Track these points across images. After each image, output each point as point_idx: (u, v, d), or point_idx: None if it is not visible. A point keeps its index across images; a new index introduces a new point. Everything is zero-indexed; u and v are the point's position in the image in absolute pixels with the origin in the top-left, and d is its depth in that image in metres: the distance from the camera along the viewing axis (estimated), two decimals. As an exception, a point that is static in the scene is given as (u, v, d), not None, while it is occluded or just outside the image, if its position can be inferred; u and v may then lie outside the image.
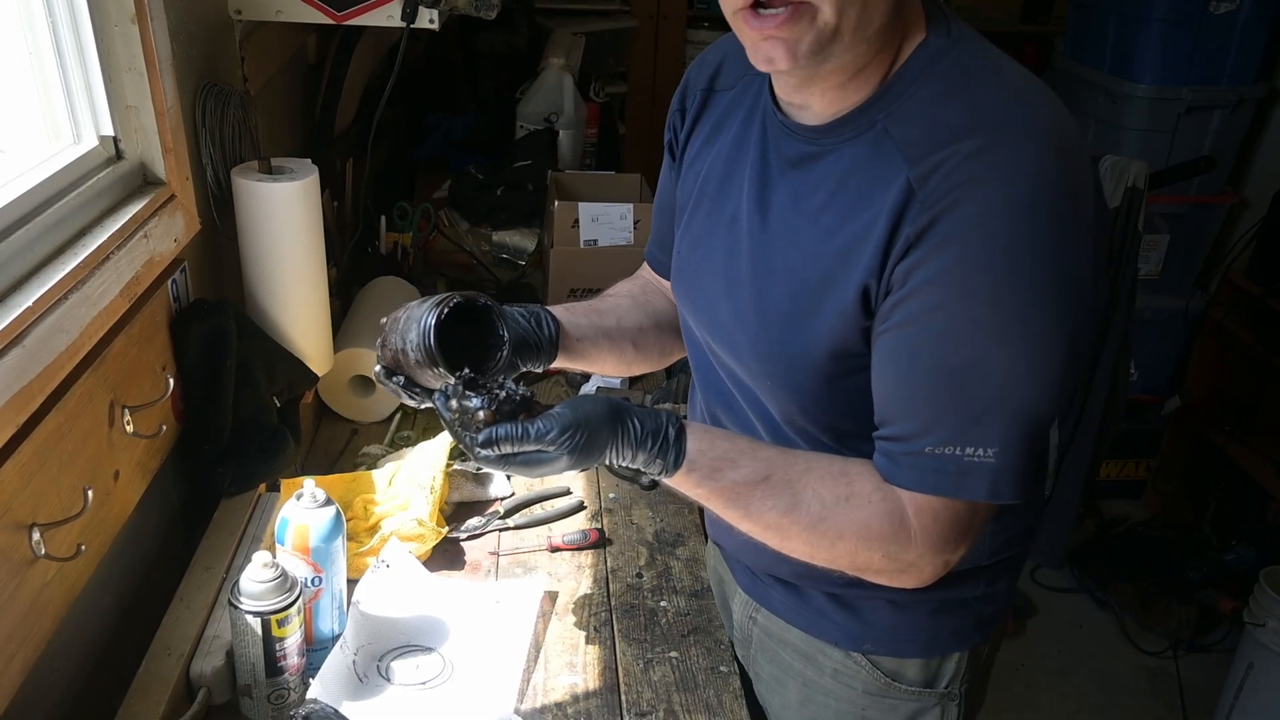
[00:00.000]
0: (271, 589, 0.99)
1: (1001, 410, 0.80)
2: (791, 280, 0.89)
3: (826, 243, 0.86)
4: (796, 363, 0.91)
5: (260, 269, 1.30)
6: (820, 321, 0.87)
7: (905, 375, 0.83)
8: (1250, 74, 2.90)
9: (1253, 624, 2.28)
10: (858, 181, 0.85)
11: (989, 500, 0.83)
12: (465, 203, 2.30)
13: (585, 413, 0.84)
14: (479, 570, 1.29)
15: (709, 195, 1.00)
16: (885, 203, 0.81)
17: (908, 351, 0.82)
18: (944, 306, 0.80)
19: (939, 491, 0.83)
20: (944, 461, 0.82)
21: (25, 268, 0.92)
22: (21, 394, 0.82)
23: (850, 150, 0.86)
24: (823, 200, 0.87)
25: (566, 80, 2.57)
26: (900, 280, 0.81)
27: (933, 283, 0.79)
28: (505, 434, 0.83)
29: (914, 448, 0.83)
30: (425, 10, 1.40)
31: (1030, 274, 0.78)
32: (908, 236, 0.80)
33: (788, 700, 1.14)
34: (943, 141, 0.79)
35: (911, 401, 0.83)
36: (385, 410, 1.61)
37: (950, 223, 0.78)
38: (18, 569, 0.84)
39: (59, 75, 1.05)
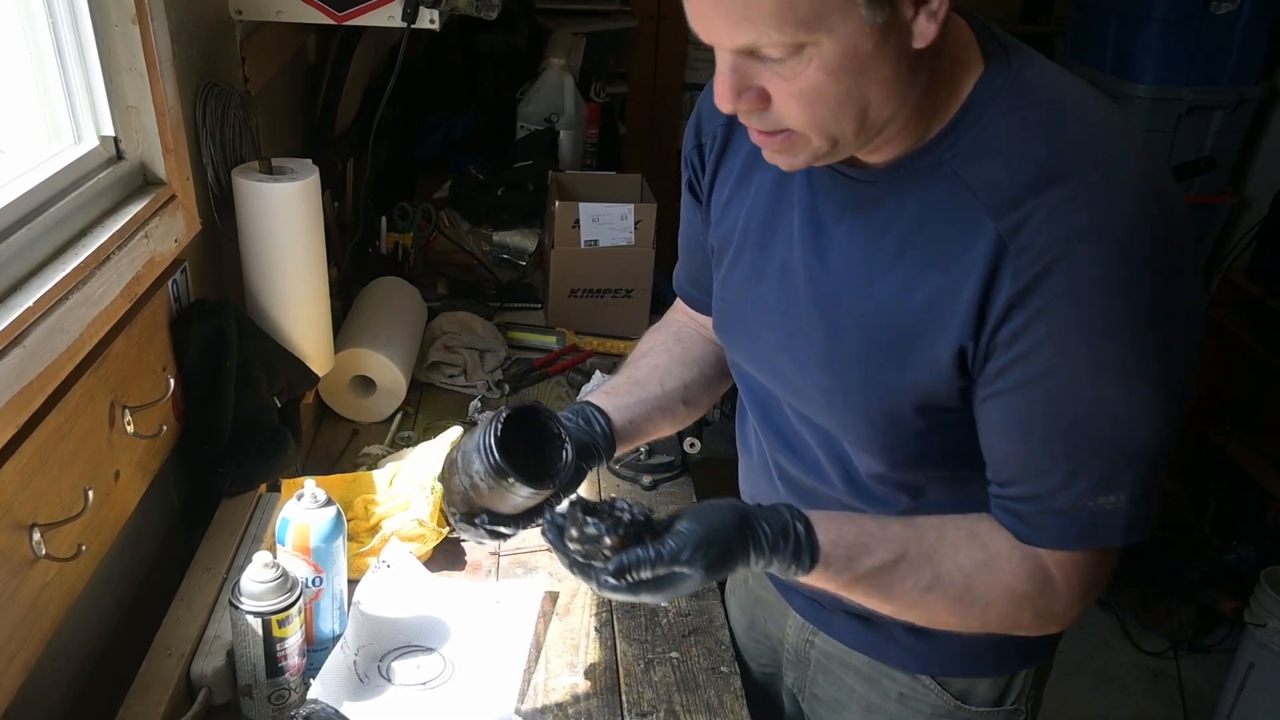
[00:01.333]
0: (272, 589, 0.99)
1: (1128, 456, 0.79)
2: (868, 333, 0.85)
3: (906, 295, 0.82)
4: (875, 415, 0.87)
5: (261, 269, 1.30)
6: (905, 377, 0.83)
7: (1031, 437, 0.80)
8: (1251, 74, 2.90)
9: (1253, 624, 2.28)
10: (933, 229, 0.80)
11: (1123, 543, 0.82)
12: (466, 203, 2.30)
13: (714, 524, 0.79)
14: (479, 570, 1.29)
15: (751, 243, 0.95)
16: (974, 258, 0.77)
17: (1030, 413, 0.79)
18: (1064, 366, 0.76)
19: (1078, 545, 0.82)
20: (1078, 515, 0.80)
21: (26, 268, 0.92)
22: (22, 394, 0.82)
23: (918, 193, 0.81)
24: (893, 248, 0.82)
25: (567, 80, 2.57)
26: (1006, 342, 0.77)
27: (1047, 343, 0.76)
28: (638, 559, 0.78)
29: (1046, 506, 0.81)
30: (426, 10, 1.40)
31: (1145, 319, 0.75)
32: (1009, 298, 0.75)
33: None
34: (1029, 187, 0.75)
35: (1041, 461, 0.81)
36: (386, 411, 1.61)
37: (1057, 281, 0.74)
38: (18, 569, 0.84)
39: (59, 75, 1.05)
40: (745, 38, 0.71)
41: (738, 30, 0.71)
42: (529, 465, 0.91)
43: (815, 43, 0.70)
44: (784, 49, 0.70)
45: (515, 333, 1.89)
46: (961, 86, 0.79)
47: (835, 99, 0.73)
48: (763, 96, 0.75)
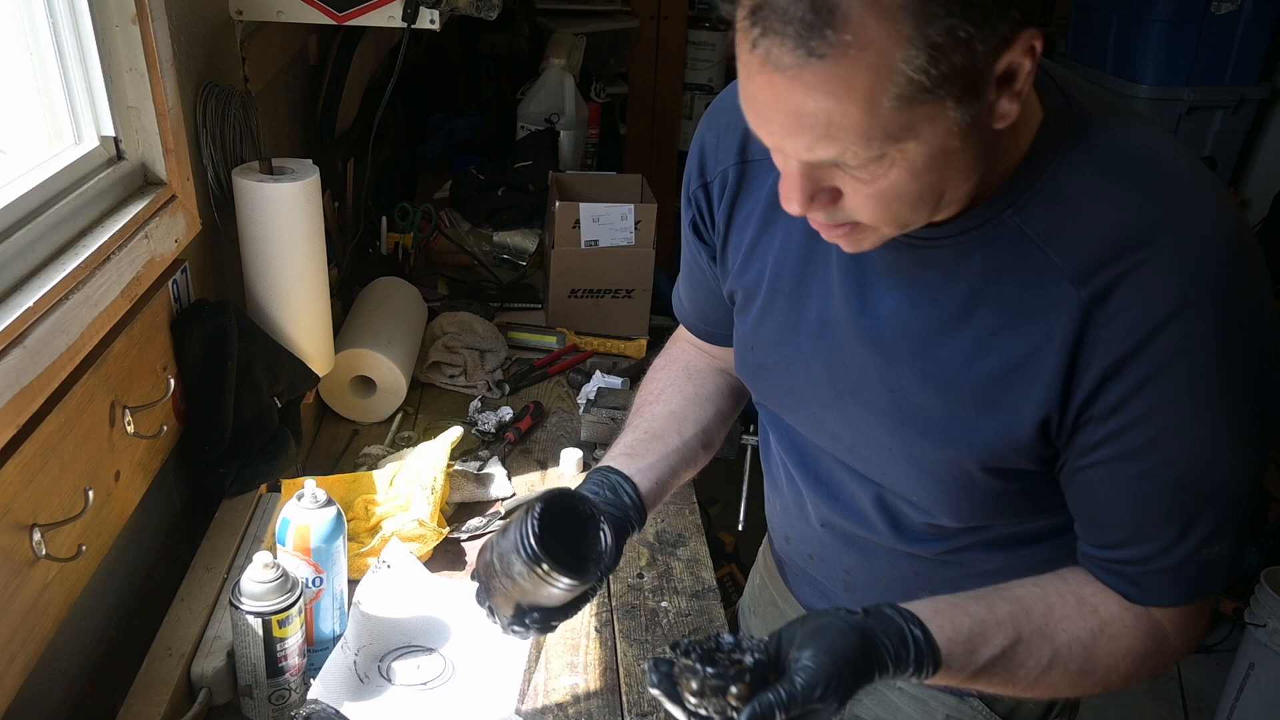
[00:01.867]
0: (272, 589, 0.99)
1: (1231, 506, 0.78)
2: (935, 397, 0.81)
3: (977, 360, 0.78)
4: (944, 477, 0.84)
5: (261, 269, 1.30)
6: (979, 442, 0.80)
7: (1139, 503, 0.78)
8: (1251, 75, 2.90)
9: (1254, 624, 2.28)
10: (1001, 289, 0.75)
11: (1227, 585, 0.81)
12: (466, 203, 2.30)
13: (840, 652, 0.73)
14: (480, 571, 1.29)
15: (784, 291, 0.89)
16: (1054, 325, 0.73)
17: (1138, 480, 0.77)
18: (1171, 433, 0.74)
19: (1190, 598, 0.80)
20: (1185, 569, 0.78)
21: (26, 268, 0.92)
22: (22, 394, 0.82)
23: (979, 251, 0.76)
24: (957, 308, 0.78)
25: (568, 81, 2.57)
26: (1104, 415, 0.74)
27: (1153, 414, 0.73)
28: (770, 706, 0.71)
29: (1158, 565, 0.79)
30: (426, 11, 1.40)
31: (1249, 379, 0.73)
32: (1103, 370, 0.72)
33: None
34: (1112, 251, 0.70)
35: (1150, 525, 0.78)
36: (386, 411, 1.61)
37: (1157, 352, 0.70)
38: (19, 569, 0.84)
39: (60, 76, 1.05)
40: (825, 153, 0.65)
41: (817, 146, 0.64)
42: (568, 554, 0.86)
43: (901, 149, 0.64)
44: (866, 159, 0.65)
45: (516, 333, 1.89)
46: (1021, 137, 0.73)
47: (916, 195, 0.68)
48: (835, 195, 0.70)
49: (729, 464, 2.27)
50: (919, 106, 0.62)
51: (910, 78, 0.60)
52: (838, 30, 0.59)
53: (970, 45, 0.60)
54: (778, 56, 0.61)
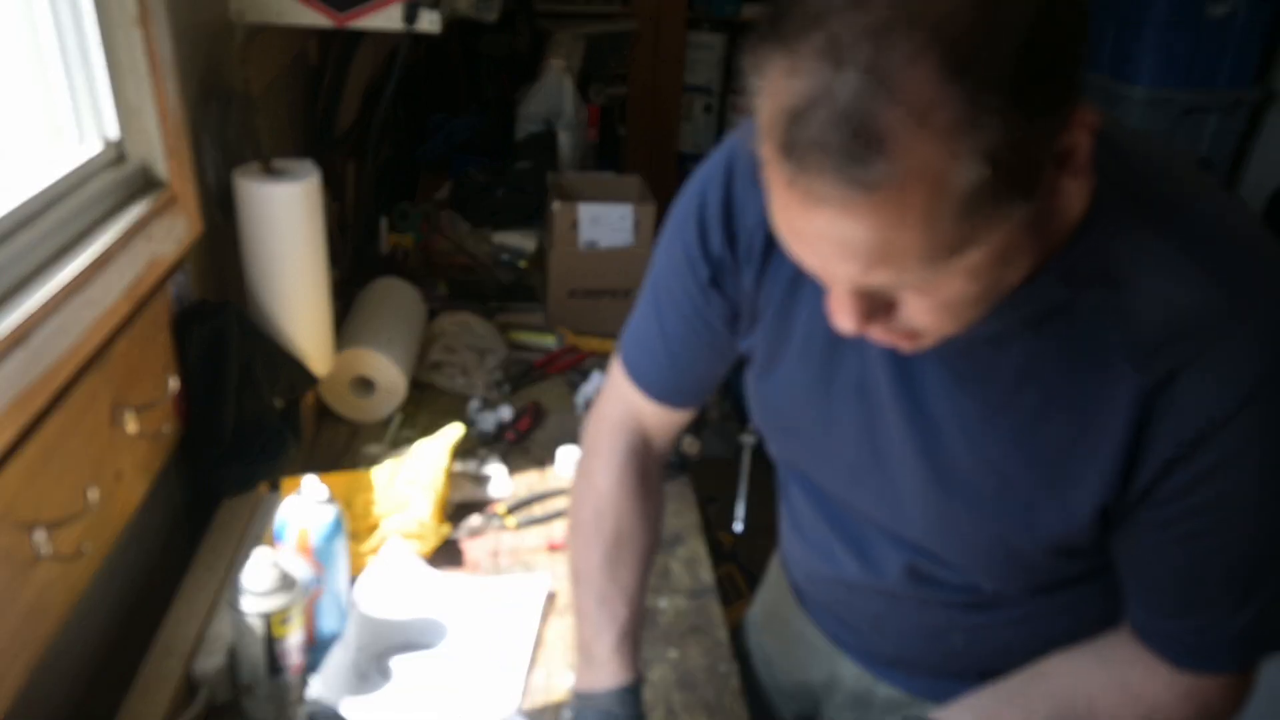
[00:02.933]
0: (273, 588, 0.99)
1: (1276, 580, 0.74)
2: (986, 476, 0.77)
3: (1028, 441, 0.73)
4: (990, 551, 0.81)
5: (262, 270, 1.30)
6: (1033, 521, 0.76)
7: (1205, 576, 0.74)
8: (1246, 77, 2.91)
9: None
10: (1052, 371, 0.70)
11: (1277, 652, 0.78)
12: (466, 204, 2.31)
13: None
14: (479, 569, 1.30)
15: (817, 350, 0.82)
16: (1113, 409, 0.68)
17: (1203, 556, 0.73)
18: (1241, 518, 0.70)
19: (1240, 667, 0.77)
20: (1241, 633, 0.75)
21: (28, 269, 0.92)
22: (25, 395, 0.83)
23: (1032, 327, 0.70)
24: (1006, 389, 0.73)
25: (567, 82, 2.57)
26: (1168, 498, 0.70)
27: (1222, 500, 0.69)
28: None
29: (1222, 634, 0.75)
30: (426, 12, 1.41)
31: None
32: (1166, 457, 0.68)
33: None
34: (1177, 332, 0.65)
35: (1216, 594, 0.75)
36: (386, 411, 1.61)
37: (1229, 439, 0.66)
38: (20, 569, 0.84)
39: (64, 78, 1.05)
40: (880, 278, 0.59)
41: (872, 272, 0.58)
42: None
43: (963, 257, 0.58)
44: (926, 276, 0.59)
45: (515, 333, 1.90)
46: (1067, 206, 0.66)
47: (978, 296, 0.63)
48: (890, 310, 0.64)
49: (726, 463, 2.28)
50: (980, 216, 0.56)
51: (969, 192, 0.54)
52: (886, 158, 0.52)
53: (1028, 144, 0.55)
54: (820, 191, 0.55)
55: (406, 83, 2.54)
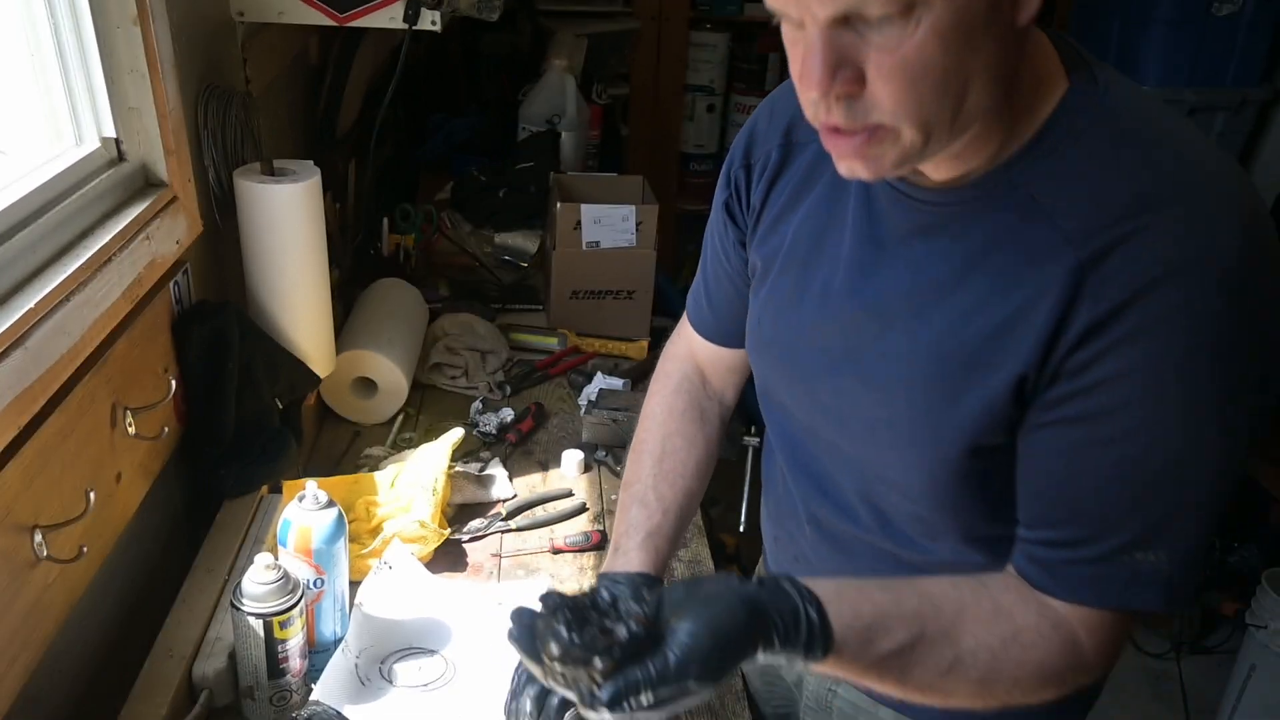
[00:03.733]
0: (274, 591, 0.99)
1: (1182, 510, 0.73)
2: (923, 366, 0.79)
3: (966, 325, 0.76)
4: (924, 450, 0.81)
5: (262, 271, 1.30)
6: (961, 412, 0.77)
7: (1076, 475, 0.74)
8: (1253, 76, 2.89)
9: (1255, 626, 2.28)
10: (1002, 256, 0.74)
11: (1164, 609, 0.75)
12: (468, 204, 2.30)
13: (722, 628, 0.67)
14: (481, 572, 1.29)
15: (796, 262, 0.89)
16: (1047, 284, 0.71)
17: (1083, 449, 0.73)
18: (1137, 405, 0.70)
19: (1110, 603, 0.75)
20: (1114, 569, 0.74)
21: (27, 270, 0.92)
22: (24, 396, 0.82)
23: (987, 217, 0.75)
24: (953, 274, 0.77)
25: (569, 82, 2.57)
26: (1075, 370, 0.71)
27: (1123, 378, 0.70)
28: (637, 684, 0.65)
29: (1078, 555, 0.75)
30: (427, 12, 1.40)
31: (1235, 369, 0.69)
32: (1087, 324, 0.70)
33: None
34: (1117, 215, 0.69)
35: (1083, 504, 0.74)
36: (387, 412, 1.61)
37: (1145, 312, 0.68)
38: (20, 571, 0.84)
39: (61, 77, 1.05)
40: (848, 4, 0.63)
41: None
42: None
43: (927, 5, 0.63)
44: (892, 6, 0.63)
45: (517, 334, 1.89)
46: (1041, 104, 0.73)
47: (942, 72, 0.65)
48: (858, 79, 0.67)
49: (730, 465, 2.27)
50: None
51: None
52: None
53: None
54: None
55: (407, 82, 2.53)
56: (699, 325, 1.08)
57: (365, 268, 1.93)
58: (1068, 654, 0.76)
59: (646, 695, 0.66)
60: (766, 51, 3.30)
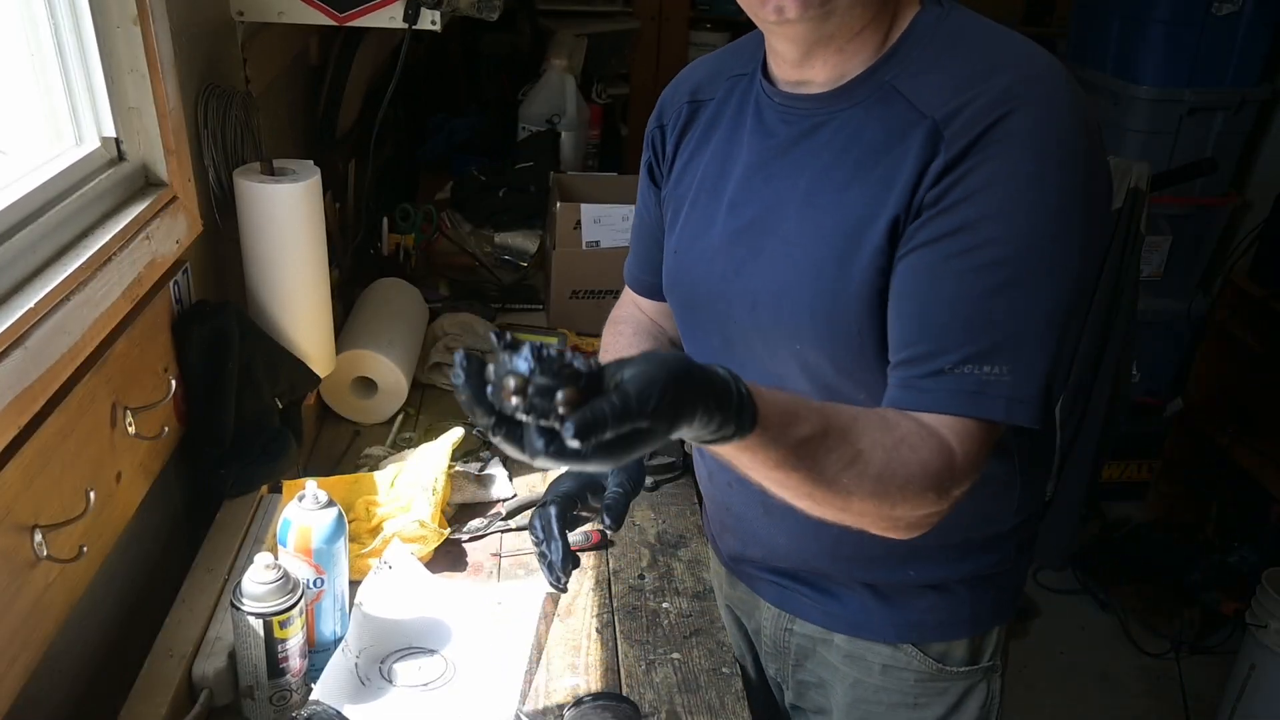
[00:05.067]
0: (273, 590, 0.99)
1: (1027, 329, 0.81)
2: (813, 241, 0.90)
3: (845, 193, 0.88)
4: (833, 321, 0.90)
5: (262, 270, 1.30)
6: (853, 272, 0.87)
7: (930, 291, 0.83)
8: (1253, 76, 2.90)
9: (1255, 625, 2.28)
10: (871, 135, 0.87)
11: (1005, 419, 0.82)
12: (468, 204, 2.30)
13: (669, 367, 0.65)
14: (481, 571, 1.29)
15: (705, 192, 1.01)
16: (909, 146, 0.83)
17: (934, 267, 0.82)
18: (981, 222, 0.80)
19: (961, 410, 0.82)
20: (963, 380, 0.81)
21: (27, 269, 0.92)
22: (24, 395, 0.82)
23: (860, 111, 0.89)
24: (833, 160, 0.89)
25: (569, 81, 2.57)
26: (933, 201, 0.82)
27: (969, 199, 0.80)
28: (605, 412, 0.60)
29: (933, 367, 0.82)
30: (427, 11, 1.40)
31: (1069, 192, 0.80)
32: (943, 163, 0.81)
33: (835, 703, 1.15)
34: (965, 85, 0.82)
35: (934, 318, 0.83)
36: (387, 412, 1.61)
37: (990, 141, 0.80)
38: (20, 571, 0.84)
39: (61, 77, 1.05)
40: None
41: None
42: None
43: None
44: None
45: (517, 334, 1.89)
46: (901, 20, 0.89)
47: None
48: None
49: (730, 465, 2.27)
50: None
51: None
52: None
53: None
54: None
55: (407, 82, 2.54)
56: (640, 288, 1.21)
57: (365, 268, 1.93)
58: (944, 456, 0.82)
59: (609, 430, 0.61)
60: (766, 51, 3.30)
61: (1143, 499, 3.18)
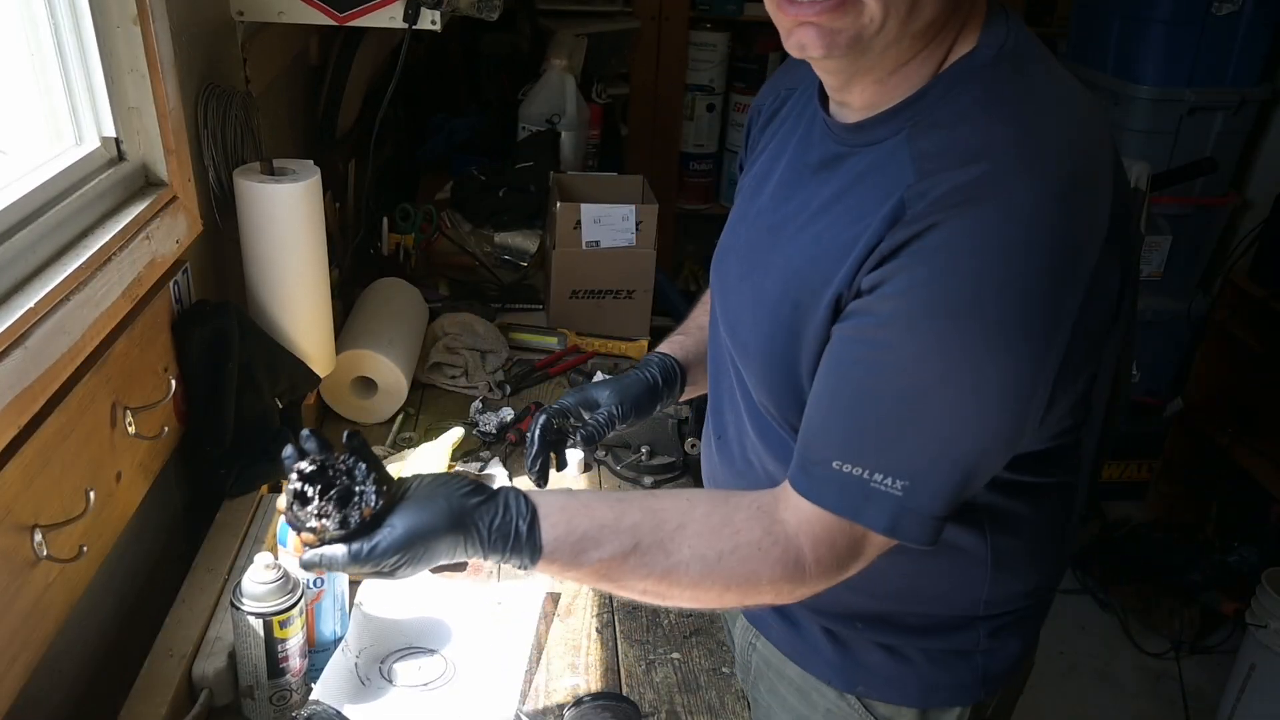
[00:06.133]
0: (274, 590, 0.99)
1: (922, 449, 0.77)
2: (782, 281, 0.88)
3: (816, 245, 0.84)
4: (773, 362, 0.89)
5: (262, 270, 1.30)
6: (796, 325, 0.85)
7: (836, 384, 0.80)
8: (1253, 76, 2.89)
9: (1255, 625, 2.28)
10: (865, 188, 0.82)
11: (886, 535, 0.78)
12: (468, 204, 2.30)
13: (421, 529, 0.78)
14: (481, 571, 1.29)
15: (750, 188, 1.00)
16: (879, 215, 0.78)
17: (847, 360, 0.79)
18: (894, 325, 0.76)
19: (837, 509, 0.79)
20: (850, 481, 0.78)
21: (27, 269, 0.92)
22: (23, 395, 0.82)
23: (872, 154, 0.83)
24: (828, 200, 0.86)
25: (569, 81, 2.57)
26: (867, 288, 0.78)
27: (893, 298, 0.76)
28: (335, 559, 0.79)
29: (824, 457, 0.79)
30: (427, 11, 1.40)
31: (997, 319, 0.73)
32: (884, 248, 0.76)
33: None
34: (951, 162, 0.75)
35: (835, 411, 0.80)
36: (387, 412, 1.61)
37: (928, 241, 0.74)
38: (20, 570, 0.84)
39: (61, 76, 1.05)
40: None
41: None
42: None
43: None
44: None
45: (517, 334, 1.89)
46: (952, 54, 0.81)
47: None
48: None
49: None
50: None
51: None
52: None
53: None
54: None
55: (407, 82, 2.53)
56: None
57: (365, 268, 1.93)
58: (785, 567, 0.81)
59: (340, 569, 0.79)
60: (766, 51, 3.30)
61: (1143, 499, 3.19)
